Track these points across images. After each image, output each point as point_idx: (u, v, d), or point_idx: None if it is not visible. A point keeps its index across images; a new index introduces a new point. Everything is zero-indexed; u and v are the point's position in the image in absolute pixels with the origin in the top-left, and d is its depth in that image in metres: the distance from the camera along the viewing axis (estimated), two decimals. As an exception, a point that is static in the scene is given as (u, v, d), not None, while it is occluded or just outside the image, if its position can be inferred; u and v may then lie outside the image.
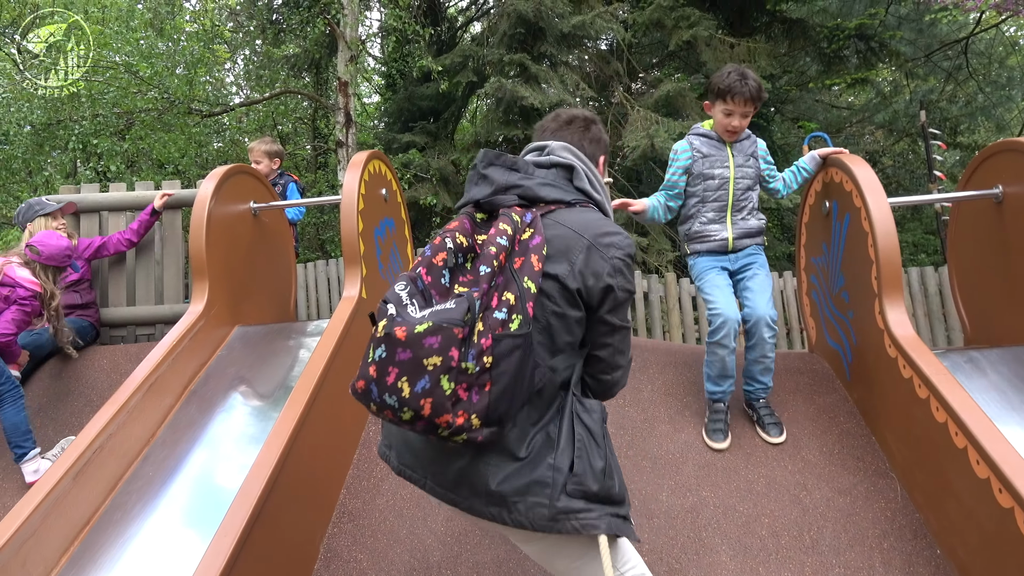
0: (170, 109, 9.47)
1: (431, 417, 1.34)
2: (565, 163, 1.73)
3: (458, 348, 1.34)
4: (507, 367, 1.38)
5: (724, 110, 2.95)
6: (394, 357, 1.34)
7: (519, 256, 1.51)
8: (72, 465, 2.50)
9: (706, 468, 2.91)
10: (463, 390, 1.35)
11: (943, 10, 7.86)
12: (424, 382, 1.32)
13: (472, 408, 1.36)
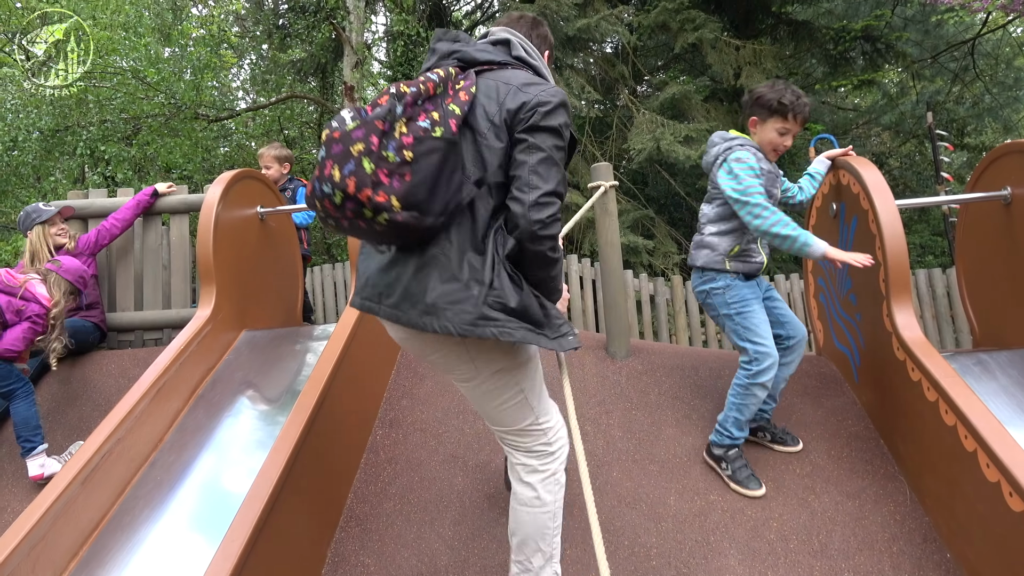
0: (177, 114, 9.51)
1: (355, 194, 1.58)
2: (503, 38, 2.03)
3: (378, 137, 1.60)
4: (427, 164, 1.65)
5: (780, 128, 2.73)
6: (330, 151, 1.60)
7: (450, 96, 1.79)
8: (81, 469, 2.51)
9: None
10: (384, 175, 1.60)
11: (949, 11, 7.84)
12: (350, 165, 1.58)
13: (392, 191, 1.60)
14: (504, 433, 2.04)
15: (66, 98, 8.71)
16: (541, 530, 2.03)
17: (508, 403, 1.96)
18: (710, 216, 2.87)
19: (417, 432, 3.22)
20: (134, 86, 9.15)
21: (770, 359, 2.68)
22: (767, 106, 2.73)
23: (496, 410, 1.98)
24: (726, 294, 2.79)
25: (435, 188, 1.68)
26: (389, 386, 3.55)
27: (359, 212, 1.62)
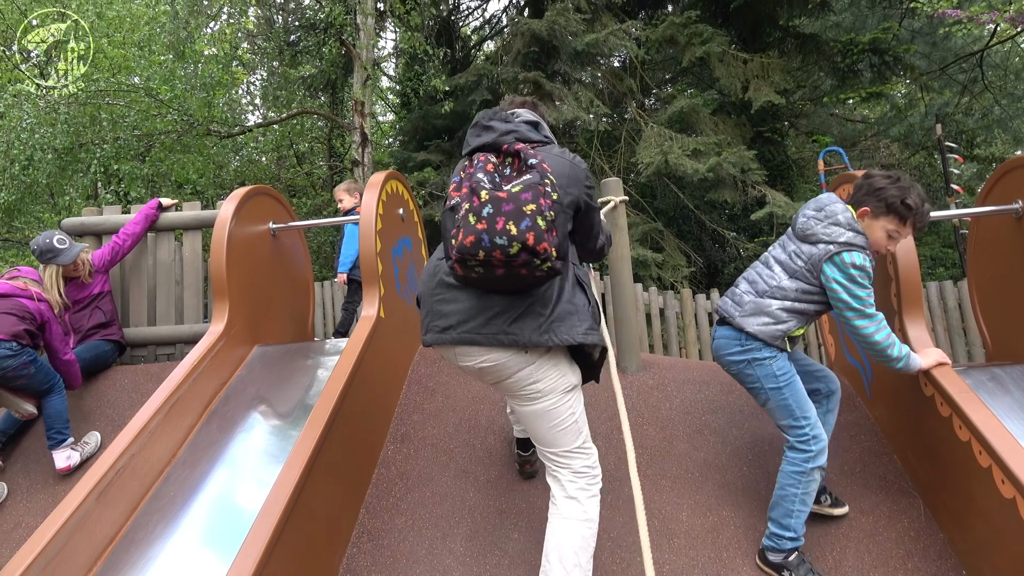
0: (189, 131, 9.61)
1: (534, 245, 1.84)
2: (533, 120, 2.34)
3: (543, 199, 1.90)
4: (559, 217, 2.02)
5: (892, 231, 2.41)
6: (500, 209, 1.85)
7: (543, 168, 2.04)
8: (96, 485, 2.53)
9: (726, 487, 2.89)
10: (547, 232, 1.88)
11: (957, 23, 7.85)
12: (527, 222, 1.84)
13: (552, 242, 1.89)
14: (555, 455, 2.24)
15: (80, 116, 8.82)
16: (583, 544, 2.17)
17: (564, 424, 2.20)
18: (789, 293, 2.50)
19: (428, 447, 3.23)
20: (147, 103, 9.26)
21: (822, 441, 2.46)
22: (887, 203, 2.38)
23: (552, 431, 2.20)
24: (773, 364, 2.49)
25: (563, 239, 2.06)
26: (400, 401, 3.55)
27: (530, 258, 1.87)
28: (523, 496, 2.90)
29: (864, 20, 11.95)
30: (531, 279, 1.96)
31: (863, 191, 2.46)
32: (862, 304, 2.37)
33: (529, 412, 2.21)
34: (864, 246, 2.40)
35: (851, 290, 2.37)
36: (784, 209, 8.03)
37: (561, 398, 2.17)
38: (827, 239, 2.42)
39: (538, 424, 2.21)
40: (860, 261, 2.36)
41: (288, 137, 13.55)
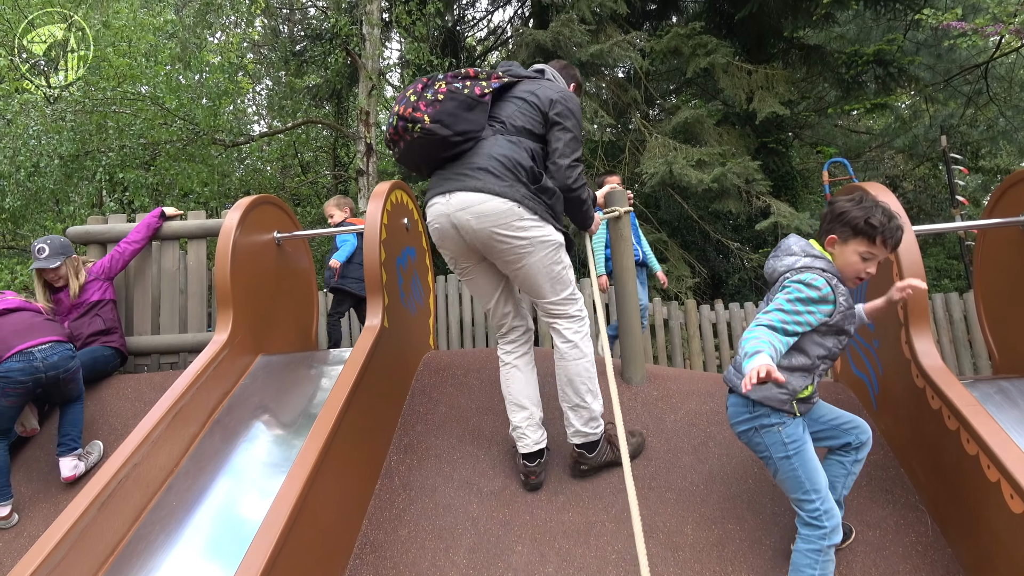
0: (195, 140, 9.64)
1: (403, 112, 2.64)
2: (540, 68, 3.07)
3: (421, 86, 2.69)
4: (448, 103, 2.65)
5: (864, 252, 2.25)
6: (396, 102, 2.74)
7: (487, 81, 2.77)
8: (98, 495, 2.52)
9: (732, 500, 2.87)
10: (423, 104, 2.64)
11: (962, 36, 7.85)
12: (404, 100, 2.68)
13: (425, 113, 2.62)
14: (549, 305, 2.87)
15: (87, 124, 8.86)
16: (587, 373, 2.86)
17: (558, 273, 2.81)
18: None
19: (432, 458, 3.21)
20: (153, 112, 9.29)
21: (836, 513, 2.30)
22: (851, 224, 2.27)
23: (551, 281, 2.81)
24: (782, 432, 2.32)
25: (455, 116, 2.65)
26: (404, 412, 3.54)
27: (405, 127, 2.65)
28: (527, 508, 2.88)
29: (868, 32, 11.98)
30: (417, 145, 2.70)
31: (827, 220, 2.36)
32: (773, 307, 2.21)
33: (519, 273, 2.80)
34: (824, 268, 2.26)
35: (778, 299, 2.24)
36: (789, 220, 8.02)
37: (544, 249, 2.74)
38: (784, 268, 2.32)
39: (534, 278, 2.79)
40: (808, 278, 2.21)
41: (293, 146, 13.58)
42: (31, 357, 3.33)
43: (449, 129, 2.64)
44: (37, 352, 3.36)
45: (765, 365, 1.91)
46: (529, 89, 2.83)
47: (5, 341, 3.36)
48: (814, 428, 2.47)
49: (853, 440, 2.50)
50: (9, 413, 3.33)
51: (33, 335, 3.42)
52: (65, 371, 3.42)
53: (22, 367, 3.30)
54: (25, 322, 3.51)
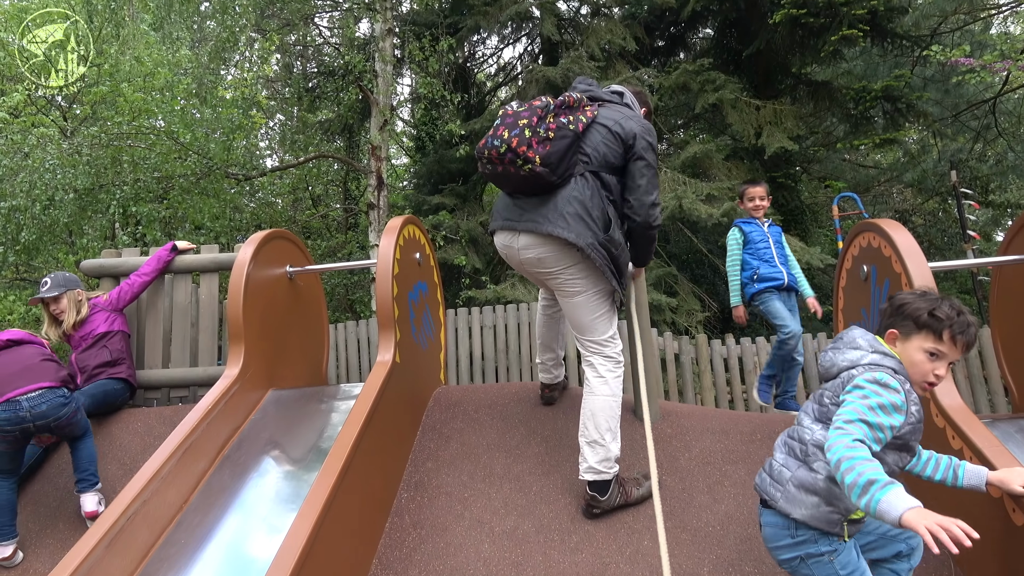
0: (208, 174, 9.75)
1: (516, 147, 2.66)
2: (619, 90, 3.12)
3: (537, 118, 2.70)
4: (560, 141, 2.72)
5: (931, 349, 1.96)
6: (504, 121, 2.73)
7: (581, 111, 2.84)
8: (106, 532, 2.49)
9: (748, 541, 2.81)
10: (535, 141, 2.67)
11: (970, 72, 7.90)
12: (517, 130, 2.67)
13: (537, 152, 2.67)
14: (588, 341, 2.99)
15: (102, 158, 8.97)
16: (611, 411, 2.91)
17: (602, 315, 2.96)
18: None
19: (443, 496, 3.17)
20: (168, 146, 9.42)
21: None
22: (913, 317, 2.01)
23: (593, 320, 2.95)
24: (834, 562, 1.98)
25: (562, 158, 2.73)
26: (414, 448, 3.51)
27: (514, 161, 2.68)
28: (540, 548, 2.83)
29: (876, 68, 12.06)
30: (518, 178, 2.75)
31: (887, 314, 2.11)
32: (856, 415, 1.84)
33: (571, 307, 2.97)
34: (895, 369, 1.96)
35: (854, 403, 1.88)
36: (799, 254, 7.99)
37: (595, 294, 2.90)
38: (848, 364, 2.01)
39: (579, 314, 2.96)
40: (883, 378, 1.90)
41: (305, 180, 13.72)
42: (17, 406, 3.23)
43: (555, 174, 2.74)
44: (24, 401, 3.25)
45: (940, 520, 1.60)
46: (613, 118, 2.88)
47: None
48: (862, 540, 2.15)
49: (903, 548, 2.20)
50: (7, 456, 3.28)
51: (23, 381, 3.33)
52: (56, 419, 3.31)
53: (8, 416, 3.21)
54: (20, 363, 3.44)
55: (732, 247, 4.62)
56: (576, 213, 2.75)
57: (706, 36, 11.88)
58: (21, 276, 11.92)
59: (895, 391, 1.89)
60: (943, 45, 9.87)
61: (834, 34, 8.51)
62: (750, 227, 4.60)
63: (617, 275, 2.89)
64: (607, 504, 2.91)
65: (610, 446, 2.88)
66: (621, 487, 2.97)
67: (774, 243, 4.57)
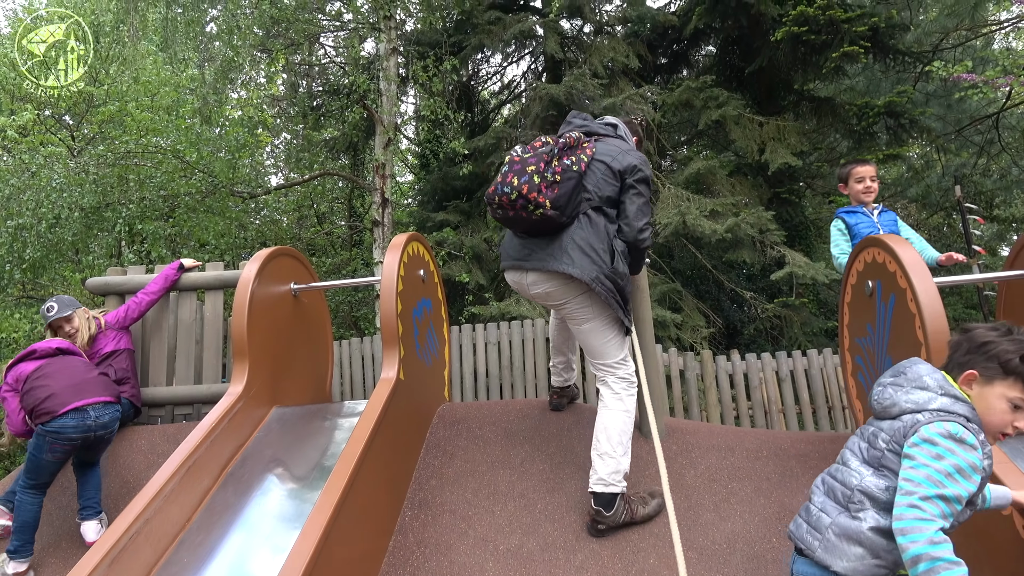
0: (213, 192, 9.80)
1: (527, 194, 2.77)
2: (612, 122, 3.30)
3: (544, 163, 2.80)
4: (566, 183, 2.85)
5: (1017, 400, 1.74)
6: (512, 168, 2.82)
7: (581, 150, 2.98)
8: (108, 551, 2.48)
9: (755, 560, 2.78)
10: (544, 186, 2.79)
11: (972, 88, 7.92)
12: (526, 177, 2.78)
13: (547, 196, 2.79)
14: (603, 365, 3.10)
15: (109, 176, 9.04)
16: (624, 428, 3.00)
17: (610, 340, 3.07)
18: (879, 496, 1.75)
19: (446, 514, 3.15)
20: (174, 165, 9.48)
21: None
22: (1000, 361, 1.75)
23: (603, 345, 3.07)
24: None
25: (570, 199, 2.87)
26: (418, 466, 3.49)
27: (525, 207, 2.80)
28: (545, 567, 2.81)
29: (878, 84, 12.10)
30: (529, 222, 2.88)
31: (963, 349, 1.84)
32: (932, 489, 1.62)
33: (581, 333, 3.10)
34: (968, 417, 1.73)
35: (928, 466, 1.65)
36: (804, 270, 7.98)
37: (604, 320, 3.03)
38: (914, 407, 1.77)
39: (589, 340, 3.09)
40: (959, 433, 1.67)
41: (310, 197, 13.78)
42: (85, 415, 3.31)
43: (565, 216, 2.88)
44: (92, 411, 3.35)
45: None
46: (611, 153, 3.04)
47: (60, 396, 3.32)
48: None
49: None
50: (51, 468, 3.29)
51: (88, 392, 3.40)
52: (111, 432, 3.45)
53: (76, 424, 3.27)
54: (79, 374, 3.49)
55: (837, 242, 3.99)
56: (581, 249, 2.89)
57: (708, 53, 11.93)
58: (27, 294, 11.95)
59: (972, 448, 1.67)
60: (945, 61, 9.90)
61: (836, 51, 8.54)
62: (855, 217, 3.97)
63: (623, 304, 3.00)
64: (612, 520, 2.92)
65: (621, 459, 2.94)
66: (627, 505, 2.97)
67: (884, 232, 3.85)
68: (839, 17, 8.41)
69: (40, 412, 3.27)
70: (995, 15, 12.42)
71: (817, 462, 3.32)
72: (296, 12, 10.01)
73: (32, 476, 3.24)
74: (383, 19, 10.18)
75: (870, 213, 3.98)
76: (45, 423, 3.25)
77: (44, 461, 3.25)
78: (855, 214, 3.99)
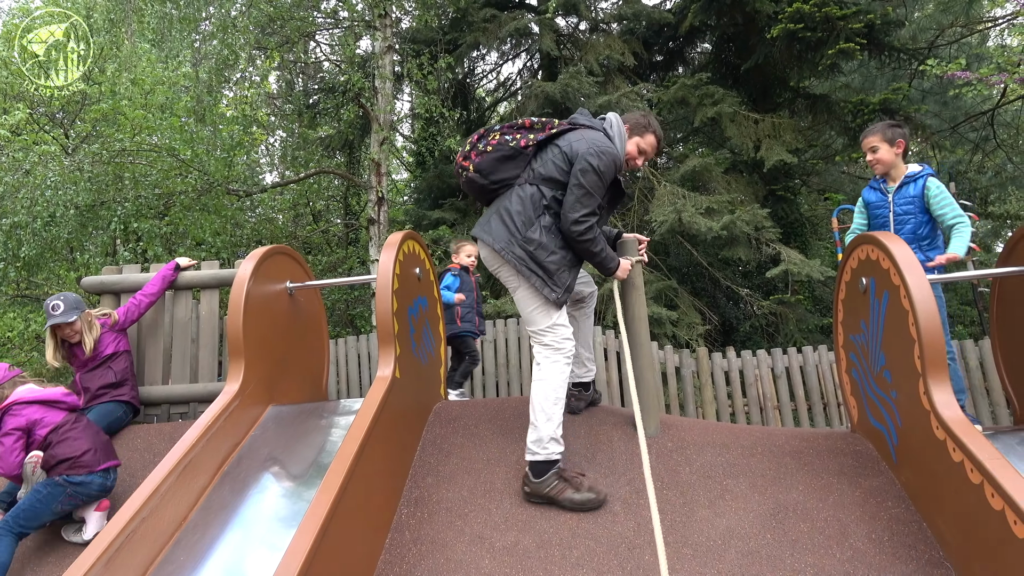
0: (209, 191, 9.78)
1: (460, 160, 3.24)
2: (604, 117, 3.34)
3: (477, 136, 3.24)
4: (495, 153, 3.17)
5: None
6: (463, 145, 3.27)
7: (538, 132, 3.21)
8: (105, 550, 2.48)
9: (750, 556, 2.79)
10: (474, 154, 3.20)
11: (967, 85, 7.94)
12: (464, 147, 3.26)
13: (471, 161, 3.20)
14: (532, 331, 3.21)
15: (104, 175, 9.01)
16: (545, 395, 3.10)
17: (536, 309, 3.17)
18: None
19: (443, 511, 3.16)
20: (169, 163, 9.46)
21: None
22: None
23: (529, 313, 3.18)
24: None
25: (493, 168, 3.18)
26: (414, 463, 3.50)
27: (459, 172, 3.25)
28: (541, 564, 2.82)
29: (874, 81, 12.13)
30: (464, 185, 3.31)
31: None
32: None
33: (514, 299, 3.25)
34: None
35: None
36: (799, 267, 8.00)
37: (527, 290, 3.14)
38: None
39: (520, 307, 3.22)
40: None
41: (305, 196, 13.76)
42: (108, 477, 3.37)
43: (486, 179, 3.19)
44: (113, 473, 3.41)
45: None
46: (570, 140, 3.15)
47: (99, 452, 3.36)
48: None
49: None
50: (50, 518, 3.24)
51: (112, 455, 3.46)
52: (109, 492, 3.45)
53: (101, 482, 3.32)
54: (101, 435, 3.51)
55: (855, 219, 3.98)
56: (500, 218, 3.15)
57: (704, 51, 11.94)
58: (22, 293, 11.93)
59: None
60: (940, 58, 9.92)
61: (831, 48, 8.55)
62: (872, 194, 3.92)
63: (542, 273, 3.11)
64: (536, 488, 3.07)
65: (542, 428, 3.06)
66: (559, 480, 3.07)
67: (895, 214, 3.73)
68: (834, 14, 8.42)
69: (77, 464, 3.26)
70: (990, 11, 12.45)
71: (812, 458, 3.34)
72: (291, 10, 9.99)
73: (28, 521, 3.15)
74: (378, 17, 10.17)
75: (888, 190, 3.81)
76: (73, 476, 3.24)
77: (50, 510, 3.20)
78: (874, 191, 3.90)
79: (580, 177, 3.06)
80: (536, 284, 3.11)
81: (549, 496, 3.05)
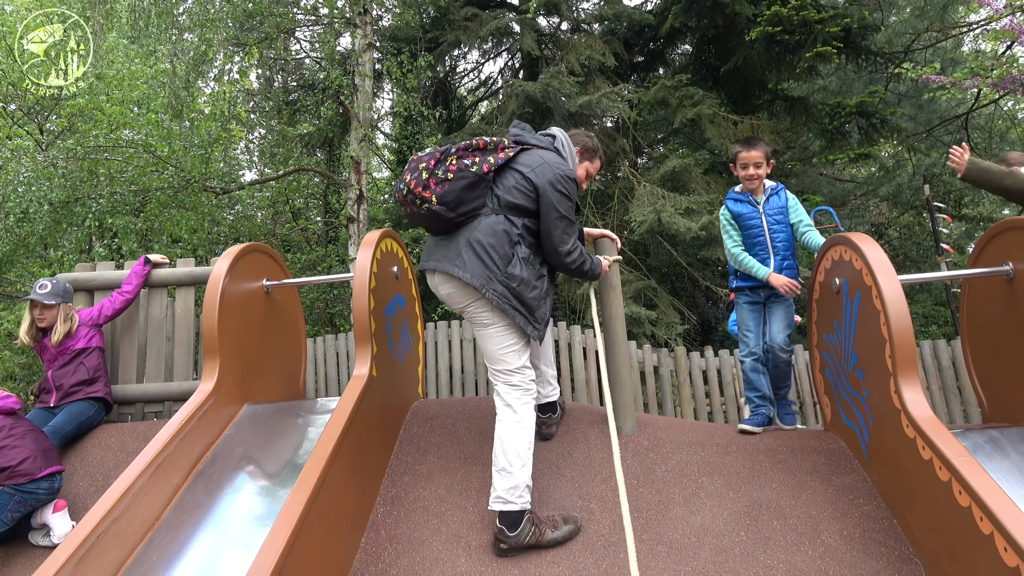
0: (186, 187, 9.68)
1: (414, 188, 2.82)
2: (551, 134, 3.22)
3: (434, 161, 2.85)
4: (459, 181, 2.84)
5: None
6: (408, 166, 2.90)
7: (493, 153, 2.94)
8: (75, 551, 2.45)
9: (724, 553, 2.82)
10: (433, 183, 2.82)
11: (941, 89, 8.06)
12: (416, 174, 2.84)
13: (433, 192, 2.82)
14: (498, 371, 3.02)
15: (78, 171, 8.89)
16: (518, 439, 2.90)
17: (508, 348, 2.98)
18: None
19: (419, 510, 3.16)
20: (145, 159, 9.35)
21: None
22: None
23: (500, 351, 2.99)
24: None
25: (459, 198, 2.84)
26: (391, 462, 3.49)
27: (413, 202, 2.84)
28: (515, 562, 2.82)
29: (851, 84, 12.27)
30: (420, 217, 2.90)
31: None
32: None
33: (481, 338, 3.04)
34: None
35: None
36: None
37: (504, 328, 2.95)
38: None
39: (487, 344, 3.02)
40: None
41: (284, 193, 13.65)
42: (54, 480, 3.34)
43: (453, 212, 2.86)
44: (59, 476, 3.38)
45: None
46: (530, 164, 2.95)
47: (39, 459, 3.31)
48: None
49: None
50: (5, 525, 3.18)
51: (55, 460, 3.42)
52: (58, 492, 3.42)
53: (49, 486, 3.30)
54: (45, 440, 3.47)
55: (726, 231, 3.95)
56: (474, 252, 2.86)
57: (685, 52, 12.02)
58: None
59: None
60: (915, 62, 10.06)
61: (809, 51, 8.65)
62: (741, 206, 3.91)
63: (525, 310, 2.94)
64: (516, 541, 2.80)
65: (518, 473, 2.84)
66: (535, 526, 2.86)
67: (770, 225, 3.83)
68: (812, 17, 8.51)
69: (15, 474, 3.22)
70: (964, 17, 12.63)
71: (785, 457, 3.38)
72: (270, 6, 9.90)
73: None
74: (359, 14, 10.12)
75: (756, 202, 3.87)
76: (20, 484, 3.21)
77: (1, 520, 3.17)
78: (741, 203, 3.92)
79: (559, 209, 2.91)
80: (519, 322, 2.91)
81: (530, 545, 2.84)
